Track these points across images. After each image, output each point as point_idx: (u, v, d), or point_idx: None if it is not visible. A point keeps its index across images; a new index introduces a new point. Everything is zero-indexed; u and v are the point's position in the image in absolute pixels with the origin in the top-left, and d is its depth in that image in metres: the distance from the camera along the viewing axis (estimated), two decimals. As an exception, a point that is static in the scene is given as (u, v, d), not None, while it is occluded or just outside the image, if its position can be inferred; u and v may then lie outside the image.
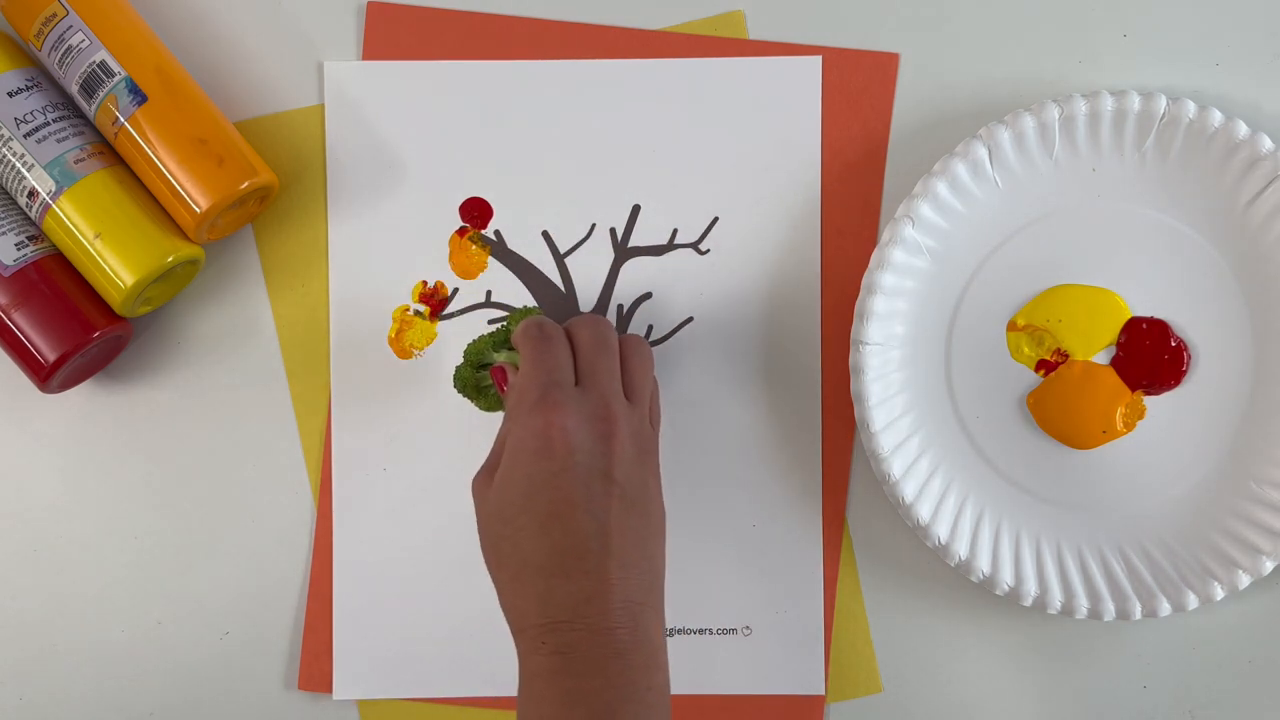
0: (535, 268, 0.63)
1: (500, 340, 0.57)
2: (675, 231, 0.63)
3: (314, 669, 0.63)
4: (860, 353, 0.60)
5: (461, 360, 0.58)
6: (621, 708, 0.49)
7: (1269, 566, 0.59)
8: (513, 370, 0.55)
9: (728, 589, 0.63)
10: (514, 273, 0.63)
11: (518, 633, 0.52)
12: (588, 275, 0.63)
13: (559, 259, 0.63)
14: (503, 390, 0.56)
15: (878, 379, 0.61)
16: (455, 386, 0.59)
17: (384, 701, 0.63)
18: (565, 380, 0.53)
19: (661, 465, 0.62)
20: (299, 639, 0.63)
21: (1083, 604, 0.60)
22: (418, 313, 0.63)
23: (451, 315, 0.63)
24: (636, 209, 0.63)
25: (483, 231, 0.63)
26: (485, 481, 0.54)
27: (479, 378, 0.58)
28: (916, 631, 0.63)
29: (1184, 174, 0.60)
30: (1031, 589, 0.60)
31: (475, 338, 0.58)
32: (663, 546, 0.54)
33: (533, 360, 0.54)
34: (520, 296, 0.63)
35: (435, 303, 0.63)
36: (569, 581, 0.50)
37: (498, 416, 0.60)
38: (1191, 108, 0.59)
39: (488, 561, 0.53)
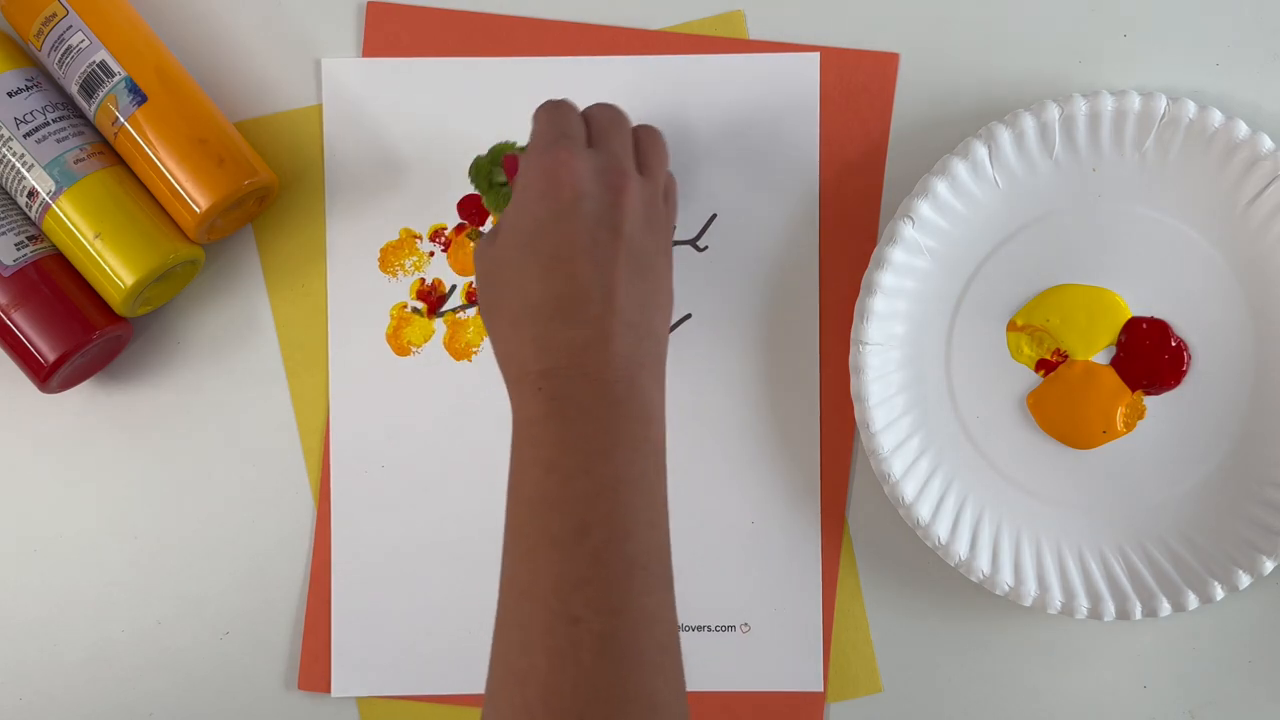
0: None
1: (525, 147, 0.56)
2: (673, 229, 0.62)
3: (314, 669, 0.63)
4: (860, 352, 0.60)
5: (485, 154, 0.57)
6: (616, 452, 0.48)
7: (1269, 566, 0.59)
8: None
9: (726, 586, 0.63)
10: (513, 272, 0.63)
11: (513, 383, 0.51)
12: (586, 273, 0.63)
13: (557, 257, 0.63)
14: (512, 180, 0.55)
15: (878, 379, 0.60)
16: (469, 175, 0.57)
17: (383, 700, 0.63)
18: (577, 135, 0.53)
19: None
20: (299, 639, 0.63)
21: (1083, 604, 0.60)
22: (415, 310, 0.63)
23: (449, 312, 0.63)
24: (635, 206, 0.63)
25: (481, 228, 0.63)
26: (489, 242, 0.53)
27: (494, 172, 0.57)
28: (916, 631, 0.63)
29: (1184, 174, 0.60)
30: (1031, 589, 0.60)
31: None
32: (667, 323, 0.54)
33: (545, 120, 0.54)
34: (520, 296, 0.63)
35: (433, 300, 0.63)
36: (568, 326, 0.49)
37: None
38: (1191, 108, 0.59)
39: (485, 313, 0.53)
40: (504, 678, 0.46)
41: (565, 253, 0.50)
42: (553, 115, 0.54)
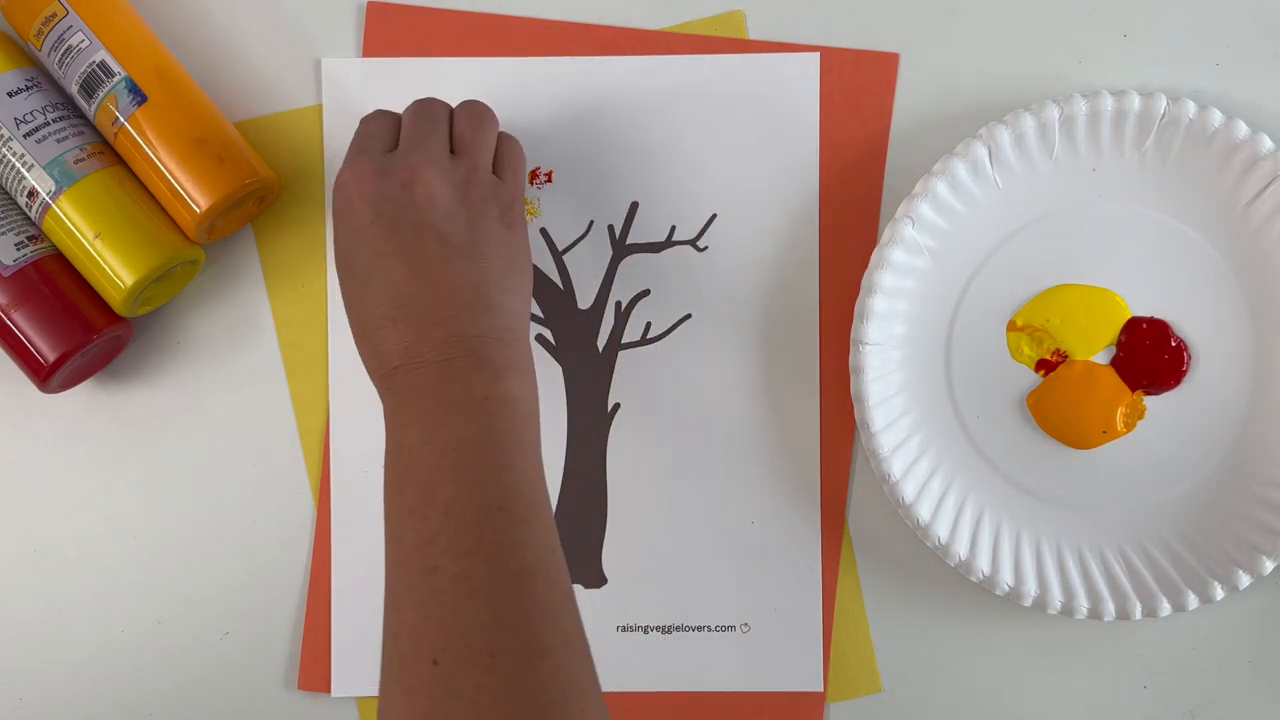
0: (534, 264, 0.63)
1: None
2: (673, 229, 0.63)
3: (314, 669, 0.63)
4: (860, 353, 0.60)
5: None
6: (450, 417, 0.49)
7: (1269, 566, 0.59)
8: None
9: (726, 586, 0.63)
10: (513, 272, 0.63)
11: (376, 386, 0.52)
12: (586, 272, 0.63)
13: (557, 256, 0.63)
14: None
15: (878, 379, 0.60)
16: None
17: (383, 700, 0.63)
18: (370, 148, 0.54)
19: (658, 460, 0.63)
20: (299, 639, 0.63)
21: (1083, 604, 0.60)
22: (415, 310, 0.63)
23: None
24: (634, 206, 0.63)
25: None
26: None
27: None
28: (916, 631, 0.63)
29: (1184, 174, 0.60)
30: (1031, 589, 0.60)
31: None
32: (517, 292, 0.54)
33: (351, 142, 0.55)
34: (520, 296, 0.63)
35: (433, 301, 0.63)
36: (396, 329, 0.51)
37: None
38: (1191, 108, 0.59)
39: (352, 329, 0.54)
40: (386, 642, 0.48)
41: (374, 263, 0.52)
42: (356, 133, 0.56)
